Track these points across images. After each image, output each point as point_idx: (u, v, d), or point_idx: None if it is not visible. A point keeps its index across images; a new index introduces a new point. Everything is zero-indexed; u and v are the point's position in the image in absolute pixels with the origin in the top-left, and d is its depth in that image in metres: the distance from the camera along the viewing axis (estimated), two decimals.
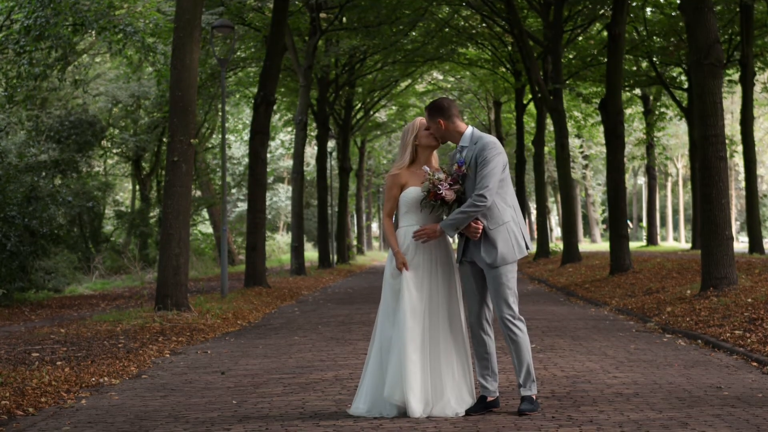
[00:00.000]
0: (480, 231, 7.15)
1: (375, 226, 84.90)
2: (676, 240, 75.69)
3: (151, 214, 41.27)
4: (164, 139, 39.01)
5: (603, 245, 62.88)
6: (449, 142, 7.55)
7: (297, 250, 31.70)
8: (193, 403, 8.05)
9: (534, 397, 7.20)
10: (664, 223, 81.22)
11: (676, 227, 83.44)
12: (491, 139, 7.25)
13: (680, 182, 75.62)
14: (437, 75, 50.84)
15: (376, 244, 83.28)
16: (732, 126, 56.35)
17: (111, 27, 23.17)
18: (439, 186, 7.17)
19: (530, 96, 34.47)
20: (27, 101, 25.88)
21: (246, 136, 51.55)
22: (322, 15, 32.67)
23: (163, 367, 10.48)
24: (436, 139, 7.44)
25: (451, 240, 7.49)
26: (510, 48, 37.70)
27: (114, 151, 43.12)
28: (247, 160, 42.87)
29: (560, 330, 13.21)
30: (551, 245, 40.06)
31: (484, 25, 36.46)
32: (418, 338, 7.13)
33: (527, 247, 7.31)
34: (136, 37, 23.46)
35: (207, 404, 7.99)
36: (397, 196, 7.42)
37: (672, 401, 7.55)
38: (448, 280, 7.33)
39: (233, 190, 56.84)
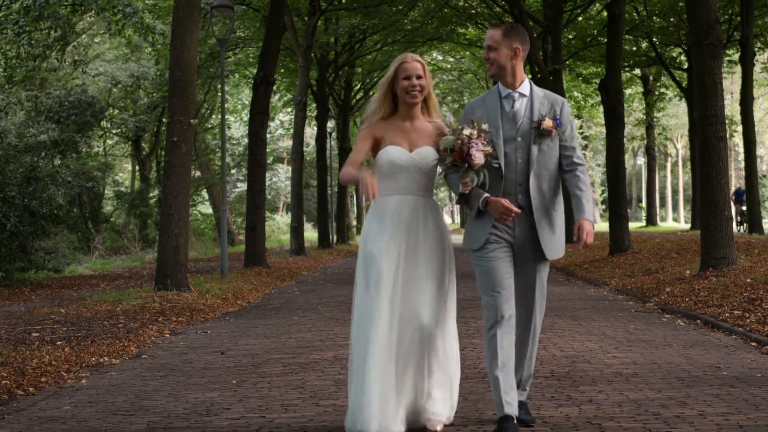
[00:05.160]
0: (512, 214, 5.66)
1: None
2: (676, 220, 75.68)
3: (151, 195, 41.31)
4: (164, 120, 39.00)
5: (602, 226, 62.85)
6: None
7: (297, 230, 31.70)
8: (193, 383, 8.07)
9: None
10: (663, 204, 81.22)
11: (675, 207, 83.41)
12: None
13: (680, 162, 75.55)
14: (437, 55, 50.70)
15: None
16: (732, 106, 56.28)
17: (110, 7, 23.12)
18: (472, 145, 5.57)
19: (530, 76, 34.39)
20: (26, 81, 25.85)
21: (245, 117, 51.50)
22: None
23: (163, 347, 10.50)
24: (418, 95, 5.82)
25: (445, 217, 6.75)
26: None
27: (113, 131, 43.14)
28: (246, 140, 42.90)
29: (560, 310, 13.23)
30: None
31: (483, 5, 36.32)
32: (383, 341, 5.59)
33: None
34: (135, 18, 23.41)
35: (207, 384, 8.00)
36: (367, 150, 5.84)
37: (671, 381, 7.56)
38: (433, 268, 5.78)
39: (233, 171, 56.85)
